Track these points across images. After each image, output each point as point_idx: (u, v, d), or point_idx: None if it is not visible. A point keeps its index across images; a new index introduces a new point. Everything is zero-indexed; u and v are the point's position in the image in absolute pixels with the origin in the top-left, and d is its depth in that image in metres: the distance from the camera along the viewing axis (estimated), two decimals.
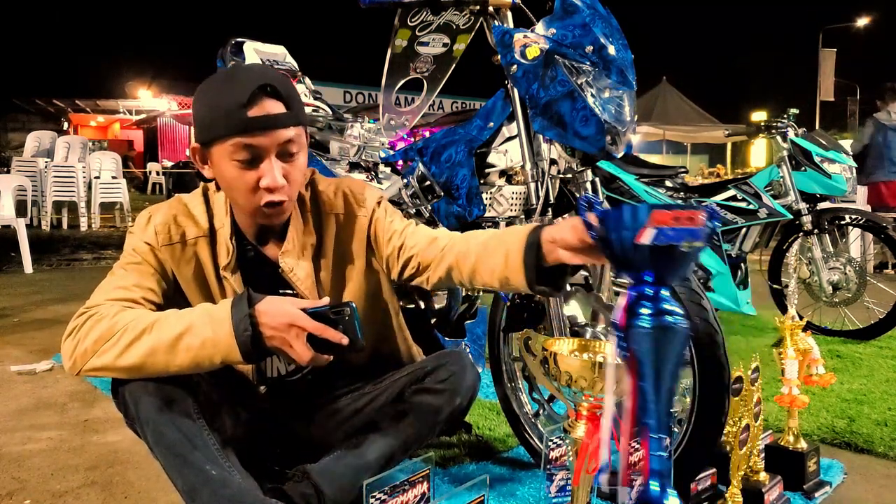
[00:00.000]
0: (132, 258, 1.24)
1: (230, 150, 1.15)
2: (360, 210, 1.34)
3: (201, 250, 1.26)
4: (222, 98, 1.15)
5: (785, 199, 3.26)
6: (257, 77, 1.16)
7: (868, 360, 2.86)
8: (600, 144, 1.50)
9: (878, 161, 5.26)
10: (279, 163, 1.18)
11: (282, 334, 1.08)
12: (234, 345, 1.07)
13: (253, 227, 1.29)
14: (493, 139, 1.77)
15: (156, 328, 1.10)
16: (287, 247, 1.28)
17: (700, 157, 22.64)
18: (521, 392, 1.79)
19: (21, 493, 1.63)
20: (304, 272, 1.29)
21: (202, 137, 1.20)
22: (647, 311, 0.87)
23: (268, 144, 1.16)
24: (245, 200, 1.20)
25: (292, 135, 1.17)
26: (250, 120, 1.14)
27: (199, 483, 1.11)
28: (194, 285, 1.26)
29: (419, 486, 0.99)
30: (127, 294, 1.18)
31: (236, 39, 2.50)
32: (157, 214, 1.27)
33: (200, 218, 1.27)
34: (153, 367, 1.10)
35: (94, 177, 8.62)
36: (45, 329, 3.34)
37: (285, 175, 1.18)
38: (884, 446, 1.91)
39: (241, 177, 1.17)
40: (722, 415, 1.39)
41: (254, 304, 1.10)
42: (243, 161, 1.16)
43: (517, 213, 1.82)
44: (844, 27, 22.33)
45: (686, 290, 1.41)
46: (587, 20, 1.53)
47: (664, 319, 0.87)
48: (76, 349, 1.12)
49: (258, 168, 1.17)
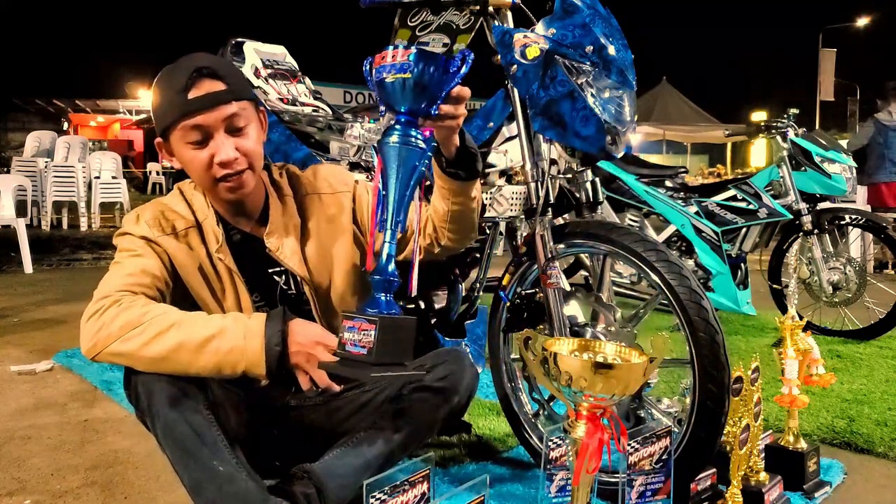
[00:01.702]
0: (134, 250, 1.27)
1: (181, 135, 1.23)
2: (342, 186, 1.42)
3: (192, 240, 1.31)
4: (166, 88, 1.24)
5: (785, 199, 3.26)
6: (194, 62, 1.24)
7: (868, 360, 2.85)
8: (600, 144, 1.50)
9: (879, 161, 5.25)
10: (230, 138, 1.24)
11: (307, 350, 1.14)
12: (262, 357, 1.12)
13: (230, 211, 1.34)
14: (493, 139, 1.77)
15: (186, 325, 1.14)
16: (270, 228, 1.33)
17: (700, 157, 22.63)
18: (521, 392, 1.79)
19: (21, 493, 1.63)
20: (290, 250, 1.34)
21: (159, 130, 1.27)
22: (396, 134, 1.11)
23: (212, 122, 1.22)
24: (203, 180, 1.27)
25: (235, 109, 1.24)
26: (190, 101, 1.21)
27: (205, 478, 1.12)
28: (191, 271, 1.30)
29: (419, 486, 0.99)
30: (140, 280, 1.22)
31: (236, 39, 2.50)
32: (145, 212, 1.32)
33: (184, 213, 1.32)
34: (176, 363, 1.13)
35: (94, 177, 8.62)
36: (45, 329, 3.34)
37: (237, 148, 1.24)
38: (884, 446, 1.90)
39: (196, 157, 1.24)
40: (722, 415, 1.39)
41: (287, 322, 1.15)
42: (195, 142, 1.23)
43: (517, 213, 1.82)
44: (844, 27, 22.31)
45: (686, 289, 1.41)
46: (587, 20, 1.53)
47: (406, 139, 1.11)
48: (100, 331, 1.13)
49: (210, 146, 1.23)
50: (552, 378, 1.13)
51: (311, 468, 1.23)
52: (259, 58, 2.48)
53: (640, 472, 1.31)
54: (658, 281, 1.45)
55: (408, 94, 1.11)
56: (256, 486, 1.14)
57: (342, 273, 1.39)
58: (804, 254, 3.37)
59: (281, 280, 1.38)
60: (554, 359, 1.11)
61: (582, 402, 1.12)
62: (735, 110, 27.48)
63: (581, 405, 1.13)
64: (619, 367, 1.11)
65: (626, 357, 1.18)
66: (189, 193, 1.35)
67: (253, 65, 2.46)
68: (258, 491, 1.13)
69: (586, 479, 1.13)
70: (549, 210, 1.63)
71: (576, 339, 1.23)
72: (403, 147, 1.10)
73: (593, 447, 1.11)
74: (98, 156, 9.32)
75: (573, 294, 1.64)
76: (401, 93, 1.11)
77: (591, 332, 1.59)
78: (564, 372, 1.10)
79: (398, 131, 1.12)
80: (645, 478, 1.31)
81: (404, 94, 1.11)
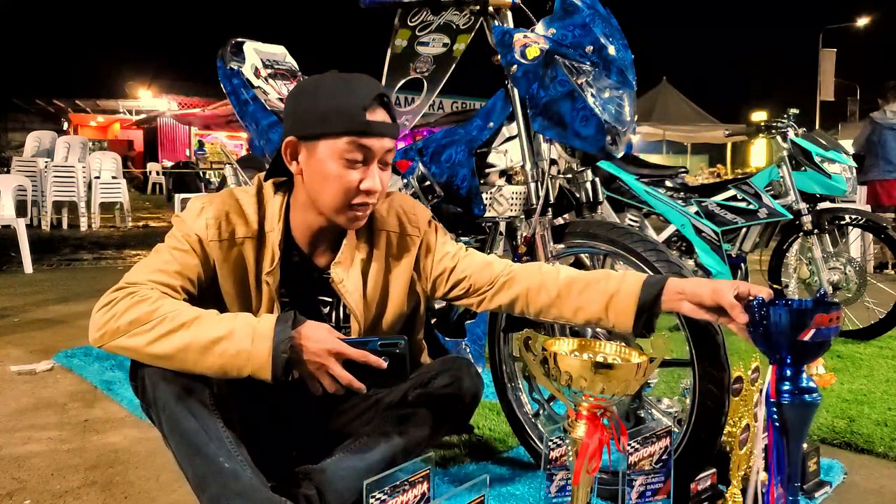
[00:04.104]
0: (180, 244, 1.24)
1: (343, 149, 1.19)
2: (413, 230, 1.38)
3: (247, 251, 1.27)
4: (342, 98, 1.19)
5: (785, 199, 3.25)
6: (375, 86, 1.22)
7: (868, 360, 2.85)
8: (600, 144, 1.50)
9: (874, 160, 5.28)
10: (379, 170, 1.23)
11: (320, 360, 1.13)
12: (268, 363, 1.10)
13: (309, 233, 1.30)
14: (493, 139, 1.77)
15: (195, 325, 1.12)
16: (340, 258, 1.30)
17: (700, 157, 22.65)
18: (521, 392, 1.79)
19: (21, 493, 1.63)
20: (353, 285, 1.31)
21: (309, 131, 1.21)
22: (787, 388, 1.13)
23: (377, 149, 1.21)
24: (338, 199, 1.22)
25: (392, 146, 1.24)
26: (370, 123, 1.19)
27: (209, 474, 1.12)
28: (232, 283, 1.27)
29: (419, 486, 0.99)
30: (168, 279, 1.20)
31: (236, 39, 2.50)
32: (210, 207, 1.26)
33: (251, 218, 1.28)
34: (182, 362, 1.12)
35: (94, 177, 8.62)
36: (45, 329, 3.34)
37: (381, 182, 1.24)
38: (884, 446, 1.90)
39: (345, 175, 1.21)
40: (722, 415, 1.39)
41: (297, 328, 1.13)
42: (352, 161, 1.20)
43: (517, 213, 1.82)
44: (844, 27, 22.33)
45: None
46: (587, 20, 1.53)
47: (804, 398, 1.12)
48: (109, 323, 1.13)
49: (361, 170, 1.21)
50: (552, 378, 1.14)
51: (312, 470, 1.23)
52: (259, 58, 2.48)
53: (640, 472, 1.31)
54: None
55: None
56: (261, 484, 1.14)
57: (391, 315, 1.37)
58: (804, 254, 3.37)
59: (326, 309, 1.36)
60: (554, 359, 1.12)
61: (582, 402, 1.12)
62: (735, 110, 27.53)
63: (581, 405, 1.13)
64: (619, 367, 1.11)
65: (626, 357, 1.18)
66: (268, 196, 1.30)
67: (253, 65, 2.46)
68: (262, 489, 1.13)
69: (586, 479, 1.13)
70: (549, 210, 1.63)
71: (576, 339, 1.23)
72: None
73: (593, 447, 1.11)
74: (98, 156, 9.32)
75: None
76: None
77: (590, 332, 1.59)
78: (564, 372, 1.10)
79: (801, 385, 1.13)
80: (645, 478, 1.31)
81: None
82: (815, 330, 1.07)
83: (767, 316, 1.10)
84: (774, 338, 1.11)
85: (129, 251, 6.47)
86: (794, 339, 1.08)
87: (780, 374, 1.14)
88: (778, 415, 1.14)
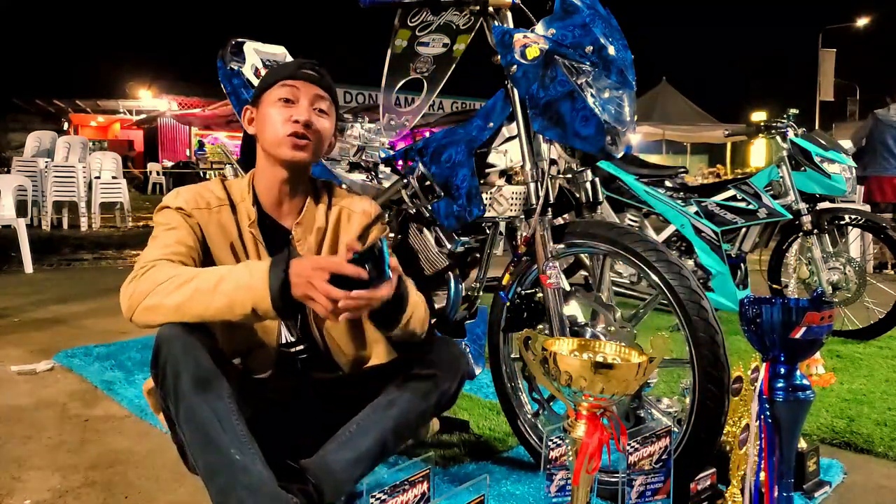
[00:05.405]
0: (170, 222, 1.38)
1: (276, 93, 1.42)
2: (365, 215, 1.52)
3: (224, 216, 1.43)
4: (279, 68, 1.49)
5: (785, 199, 3.25)
6: (311, 61, 1.48)
7: (868, 360, 2.85)
8: (600, 144, 1.50)
9: (872, 156, 5.32)
10: (311, 110, 1.42)
11: (306, 279, 1.17)
12: (266, 290, 1.18)
13: (273, 194, 1.46)
14: (493, 139, 1.77)
15: (203, 274, 1.24)
16: (301, 219, 1.46)
17: (700, 157, 22.64)
18: (521, 392, 1.79)
19: (21, 493, 1.63)
20: (308, 247, 1.46)
21: (256, 95, 1.47)
22: (781, 385, 1.18)
23: (305, 90, 1.43)
24: (277, 131, 1.41)
25: (325, 96, 1.45)
26: (297, 71, 1.44)
27: (220, 465, 1.14)
28: (221, 245, 1.41)
29: (419, 486, 1.00)
30: (175, 249, 1.33)
31: (236, 40, 2.49)
32: (184, 190, 1.45)
33: (220, 194, 1.45)
34: (196, 305, 1.21)
35: (95, 177, 8.61)
36: (45, 329, 3.34)
37: (314, 122, 1.42)
38: (884, 446, 1.91)
39: (279, 112, 1.41)
40: (722, 415, 1.39)
41: (289, 260, 1.22)
42: (283, 99, 1.42)
43: (517, 213, 1.82)
44: (844, 27, 22.31)
45: (686, 289, 1.41)
46: (587, 20, 1.53)
47: (798, 395, 1.16)
48: (135, 290, 1.25)
49: (294, 108, 1.42)
50: (552, 378, 1.14)
51: (306, 464, 1.24)
52: (259, 58, 2.48)
53: (640, 471, 1.31)
54: (658, 281, 1.45)
55: None
56: (269, 479, 1.16)
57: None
58: (804, 254, 3.37)
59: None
60: (554, 359, 1.12)
61: (582, 402, 1.12)
62: (735, 110, 27.51)
63: (581, 405, 1.13)
64: (619, 366, 1.12)
65: (625, 357, 1.18)
66: (230, 181, 1.50)
67: (253, 65, 2.46)
68: (270, 484, 1.15)
69: (586, 479, 1.13)
70: (549, 210, 1.63)
71: (576, 338, 1.23)
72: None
73: (593, 447, 1.11)
74: (98, 156, 9.31)
75: (573, 294, 1.65)
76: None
77: (590, 332, 1.59)
78: (564, 372, 1.10)
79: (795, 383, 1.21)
80: (645, 478, 1.32)
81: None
82: (805, 328, 1.09)
83: (760, 314, 1.11)
84: (767, 335, 1.12)
85: (130, 251, 6.47)
86: (786, 337, 1.09)
87: (773, 372, 1.15)
88: (771, 412, 1.15)
